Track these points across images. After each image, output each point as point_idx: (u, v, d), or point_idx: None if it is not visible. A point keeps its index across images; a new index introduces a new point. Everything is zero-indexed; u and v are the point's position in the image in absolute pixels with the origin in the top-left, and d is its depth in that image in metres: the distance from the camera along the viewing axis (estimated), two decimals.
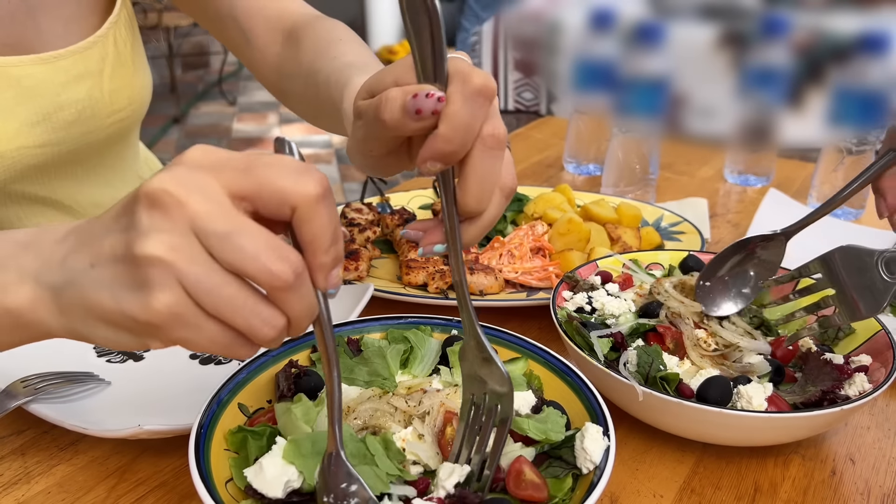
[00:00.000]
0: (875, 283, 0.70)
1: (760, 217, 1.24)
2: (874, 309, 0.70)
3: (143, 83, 1.06)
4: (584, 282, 0.90)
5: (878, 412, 0.81)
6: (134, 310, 0.44)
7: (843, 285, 0.73)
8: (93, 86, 0.97)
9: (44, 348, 0.83)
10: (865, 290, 0.70)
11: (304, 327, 0.48)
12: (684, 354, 0.78)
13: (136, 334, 0.47)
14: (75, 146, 0.98)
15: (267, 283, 0.44)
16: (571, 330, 0.80)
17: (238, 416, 0.66)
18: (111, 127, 1.02)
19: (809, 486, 0.70)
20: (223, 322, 0.45)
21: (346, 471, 0.52)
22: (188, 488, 0.68)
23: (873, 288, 0.70)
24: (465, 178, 0.52)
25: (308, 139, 4.92)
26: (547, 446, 0.62)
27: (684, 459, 0.73)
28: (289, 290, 0.45)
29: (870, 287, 0.70)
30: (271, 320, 0.46)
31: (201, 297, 0.44)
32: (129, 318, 0.45)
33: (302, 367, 0.71)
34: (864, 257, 0.71)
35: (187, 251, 0.43)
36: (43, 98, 0.91)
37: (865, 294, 0.71)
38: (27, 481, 0.68)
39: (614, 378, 0.71)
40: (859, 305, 0.71)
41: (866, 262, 0.70)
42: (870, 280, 0.70)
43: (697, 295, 0.81)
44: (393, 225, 1.16)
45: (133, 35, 1.05)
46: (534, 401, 0.67)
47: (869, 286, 0.70)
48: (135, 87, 1.04)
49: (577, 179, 1.54)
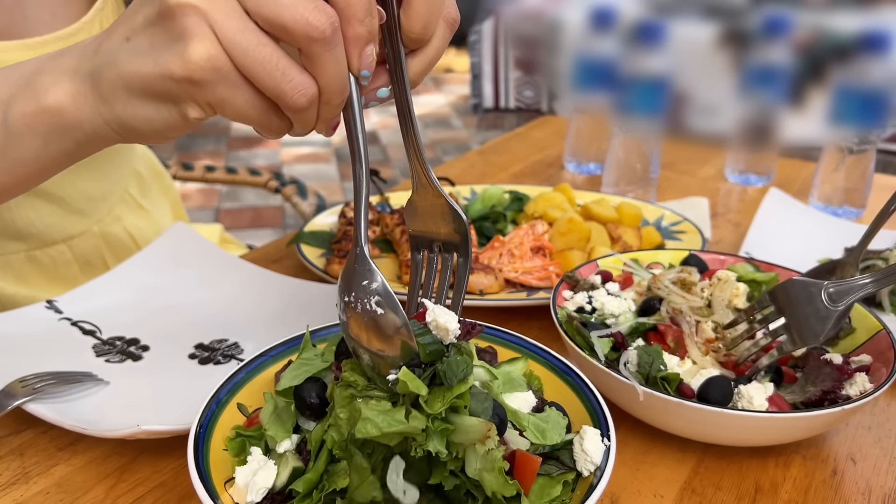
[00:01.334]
0: (819, 312, 0.72)
1: (761, 217, 1.24)
2: (815, 337, 0.73)
3: None
4: (585, 281, 0.90)
5: (879, 412, 0.81)
6: (173, 66, 0.46)
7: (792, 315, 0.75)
8: None
9: (44, 348, 0.83)
10: (810, 318, 0.73)
11: (335, 103, 0.48)
12: (685, 354, 0.78)
13: (176, 101, 0.48)
14: None
15: (303, 33, 0.44)
16: (572, 330, 0.79)
17: (237, 416, 0.66)
18: None
19: (810, 486, 0.70)
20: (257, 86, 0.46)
21: (367, 268, 0.51)
22: (187, 488, 0.68)
23: (817, 316, 0.72)
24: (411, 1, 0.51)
25: (308, 138, 4.92)
26: (547, 447, 0.62)
27: (685, 459, 0.73)
28: (324, 45, 0.45)
29: (814, 315, 0.73)
30: (303, 86, 0.46)
31: (236, 55, 0.45)
32: (168, 80, 0.46)
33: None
34: (811, 288, 0.73)
35: (223, 4, 0.44)
36: None
37: (810, 322, 0.73)
38: (25, 481, 0.68)
39: (615, 378, 0.71)
40: (802, 333, 0.74)
41: (812, 293, 0.73)
42: (815, 309, 0.73)
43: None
44: (393, 224, 1.15)
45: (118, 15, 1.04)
46: (534, 401, 0.66)
47: (812, 314, 0.73)
48: None
49: (577, 179, 1.53)
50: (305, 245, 1.10)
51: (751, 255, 1.12)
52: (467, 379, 0.55)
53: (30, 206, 1.01)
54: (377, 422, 0.53)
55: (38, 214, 1.03)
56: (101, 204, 1.12)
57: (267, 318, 0.91)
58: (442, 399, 0.54)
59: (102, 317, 0.91)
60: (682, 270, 0.87)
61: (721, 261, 0.94)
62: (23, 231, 1.02)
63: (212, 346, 0.88)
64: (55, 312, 0.89)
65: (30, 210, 1.01)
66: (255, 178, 1.65)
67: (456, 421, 0.54)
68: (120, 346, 0.87)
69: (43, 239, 1.05)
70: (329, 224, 1.20)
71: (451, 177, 1.39)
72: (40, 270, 1.06)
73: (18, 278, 1.05)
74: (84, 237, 1.10)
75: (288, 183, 1.64)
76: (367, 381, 0.55)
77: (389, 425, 0.52)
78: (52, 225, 1.04)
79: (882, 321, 0.78)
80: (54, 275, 1.08)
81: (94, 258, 1.12)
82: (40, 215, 1.03)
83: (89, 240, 1.11)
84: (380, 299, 0.51)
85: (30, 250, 1.05)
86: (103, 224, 1.13)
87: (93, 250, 1.11)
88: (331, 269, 1.02)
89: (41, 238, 1.05)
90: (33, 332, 0.85)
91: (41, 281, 1.07)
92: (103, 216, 1.13)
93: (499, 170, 1.57)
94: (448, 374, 0.55)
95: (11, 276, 1.05)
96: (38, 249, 1.05)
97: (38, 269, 1.06)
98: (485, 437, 0.53)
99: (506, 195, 1.27)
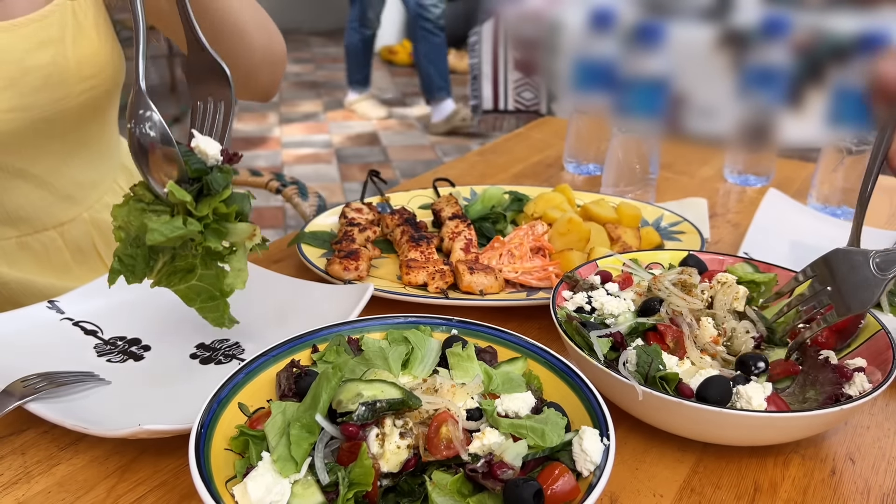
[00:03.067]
0: (868, 281, 0.75)
1: (760, 217, 1.24)
2: (863, 304, 0.75)
3: (111, 55, 1.08)
4: (584, 281, 0.90)
5: (877, 412, 0.81)
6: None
7: (838, 284, 0.78)
8: (56, 53, 0.99)
9: (45, 348, 0.83)
10: (857, 287, 0.76)
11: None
12: (684, 354, 0.78)
13: None
14: (46, 113, 1.00)
15: None
16: (571, 330, 0.80)
17: (238, 416, 0.66)
18: (82, 95, 1.03)
19: (809, 485, 0.70)
20: None
21: (144, 101, 0.68)
22: (188, 488, 0.68)
23: (866, 285, 0.75)
24: None
25: (308, 139, 4.92)
26: (547, 450, 0.62)
27: (684, 459, 0.73)
28: None
29: (862, 284, 0.75)
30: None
31: None
32: None
33: (303, 367, 0.71)
34: (856, 257, 0.76)
35: None
36: (8, 64, 0.96)
37: (857, 291, 0.76)
38: (27, 481, 0.68)
39: (614, 378, 0.71)
40: (850, 301, 0.76)
41: (858, 262, 0.76)
42: (862, 278, 0.75)
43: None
44: (393, 225, 1.16)
45: (96, 7, 1.07)
46: (533, 402, 0.66)
47: (861, 283, 0.75)
48: (101, 55, 1.05)
49: (577, 179, 1.54)
50: (306, 245, 1.10)
51: (749, 255, 1.13)
52: (228, 188, 0.72)
53: (19, 190, 1.03)
54: (162, 230, 0.68)
55: (28, 199, 1.05)
56: (91, 192, 1.14)
57: (268, 319, 0.92)
58: (208, 205, 0.70)
59: (104, 317, 0.91)
60: (683, 272, 0.87)
61: (720, 261, 0.94)
62: (13, 215, 1.04)
63: (213, 345, 0.88)
64: (57, 313, 0.89)
65: (19, 195, 1.03)
66: (256, 179, 1.66)
67: (228, 226, 0.72)
68: (121, 346, 0.87)
69: (34, 224, 1.07)
70: (330, 224, 1.20)
71: (451, 177, 1.39)
72: (32, 257, 1.08)
73: (11, 264, 1.07)
74: (74, 224, 1.12)
75: (289, 184, 1.64)
76: (153, 197, 0.70)
77: (172, 231, 0.68)
78: (42, 210, 1.06)
79: (881, 321, 0.79)
80: (46, 261, 1.10)
81: (86, 245, 1.14)
82: (30, 200, 1.05)
83: (80, 226, 1.12)
84: (153, 125, 0.67)
85: (21, 236, 1.07)
86: (93, 211, 1.15)
87: (84, 237, 1.12)
88: (332, 270, 1.02)
89: (31, 223, 1.07)
90: (35, 333, 0.85)
91: (33, 267, 1.10)
92: (93, 203, 1.15)
93: (499, 170, 1.57)
94: (213, 184, 0.70)
95: (4, 261, 1.07)
96: (29, 235, 1.07)
97: (31, 256, 1.08)
98: (252, 235, 0.73)
99: (506, 196, 1.28)
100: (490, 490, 0.57)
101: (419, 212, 1.26)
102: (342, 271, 1.01)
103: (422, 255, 1.06)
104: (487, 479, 0.58)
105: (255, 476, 0.57)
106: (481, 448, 0.60)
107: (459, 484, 0.58)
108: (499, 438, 0.60)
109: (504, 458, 0.59)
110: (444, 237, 1.13)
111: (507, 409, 0.65)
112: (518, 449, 0.60)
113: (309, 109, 5.58)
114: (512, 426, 0.62)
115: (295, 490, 0.57)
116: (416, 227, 1.14)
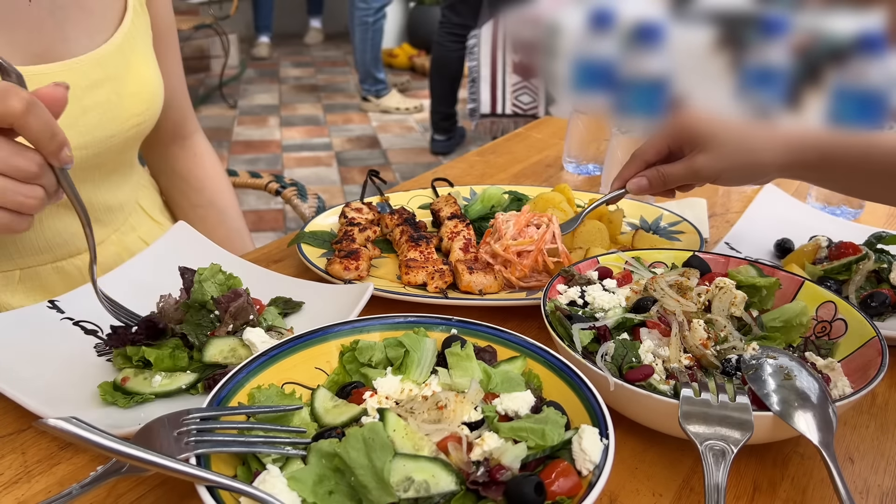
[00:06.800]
0: None
1: (751, 210, 1.25)
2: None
3: (157, 89, 1.11)
4: (581, 276, 0.90)
5: (877, 412, 0.81)
6: None
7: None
8: (111, 90, 1.02)
9: (44, 348, 0.83)
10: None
11: (58, 195, 0.74)
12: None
13: None
14: (100, 150, 1.03)
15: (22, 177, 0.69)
16: (555, 320, 0.80)
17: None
18: (130, 131, 1.07)
19: (808, 485, 0.70)
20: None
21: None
22: (188, 488, 0.68)
23: None
24: None
25: (308, 142, 4.93)
26: (547, 449, 0.62)
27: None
28: (38, 177, 0.70)
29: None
30: (33, 193, 0.70)
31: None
32: None
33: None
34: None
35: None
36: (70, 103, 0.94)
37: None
38: (27, 480, 0.68)
39: (589, 368, 0.71)
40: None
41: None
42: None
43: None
44: (393, 225, 1.16)
45: (146, 44, 1.10)
46: (533, 401, 0.66)
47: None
48: (149, 91, 1.08)
49: (576, 179, 1.54)
50: (306, 245, 1.10)
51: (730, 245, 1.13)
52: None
53: (58, 216, 1.05)
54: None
55: (65, 225, 1.06)
56: (118, 213, 1.16)
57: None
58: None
59: (104, 317, 0.91)
60: (683, 273, 0.86)
61: (723, 262, 0.94)
62: (50, 241, 1.06)
63: None
64: (57, 312, 0.89)
65: (57, 222, 1.05)
66: (256, 181, 1.66)
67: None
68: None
69: (68, 249, 1.08)
70: (329, 224, 1.20)
71: (451, 177, 1.39)
72: (66, 281, 1.09)
73: (47, 289, 1.08)
74: (104, 245, 1.13)
75: (288, 185, 1.64)
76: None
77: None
78: (76, 234, 1.08)
79: (876, 328, 0.78)
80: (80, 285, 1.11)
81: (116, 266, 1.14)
82: (66, 225, 1.06)
83: (109, 248, 1.14)
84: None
85: (56, 261, 1.08)
86: (121, 233, 1.17)
87: (114, 258, 1.13)
88: (332, 270, 1.02)
89: (66, 248, 1.08)
90: (35, 333, 0.85)
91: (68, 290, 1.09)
92: (119, 225, 1.17)
93: (498, 170, 1.57)
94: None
95: (39, 287, 1.08)
96: (63, 260, 1.09)
97: (65, 280, 1.09)
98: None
99: (505, 195, 1.28)
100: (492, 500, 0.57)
101: (418, 212, 1.26)
102: (342, 271, 1.01)
103: (421, 255, 1.07)
104: (488, 489, 0.57)
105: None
106: (481, 454, 0.60)
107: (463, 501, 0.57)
108: (498, 442, 0.61)
109: (502, 461, 0.59)
110: (443, 237, 1.13)
111: (507, 408, 0.65)
112: (517, 451, 0.60)
113: (309, 113, 5.59)
114: (512, 430, 0.62)
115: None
116: (416, 226, 1.14)
